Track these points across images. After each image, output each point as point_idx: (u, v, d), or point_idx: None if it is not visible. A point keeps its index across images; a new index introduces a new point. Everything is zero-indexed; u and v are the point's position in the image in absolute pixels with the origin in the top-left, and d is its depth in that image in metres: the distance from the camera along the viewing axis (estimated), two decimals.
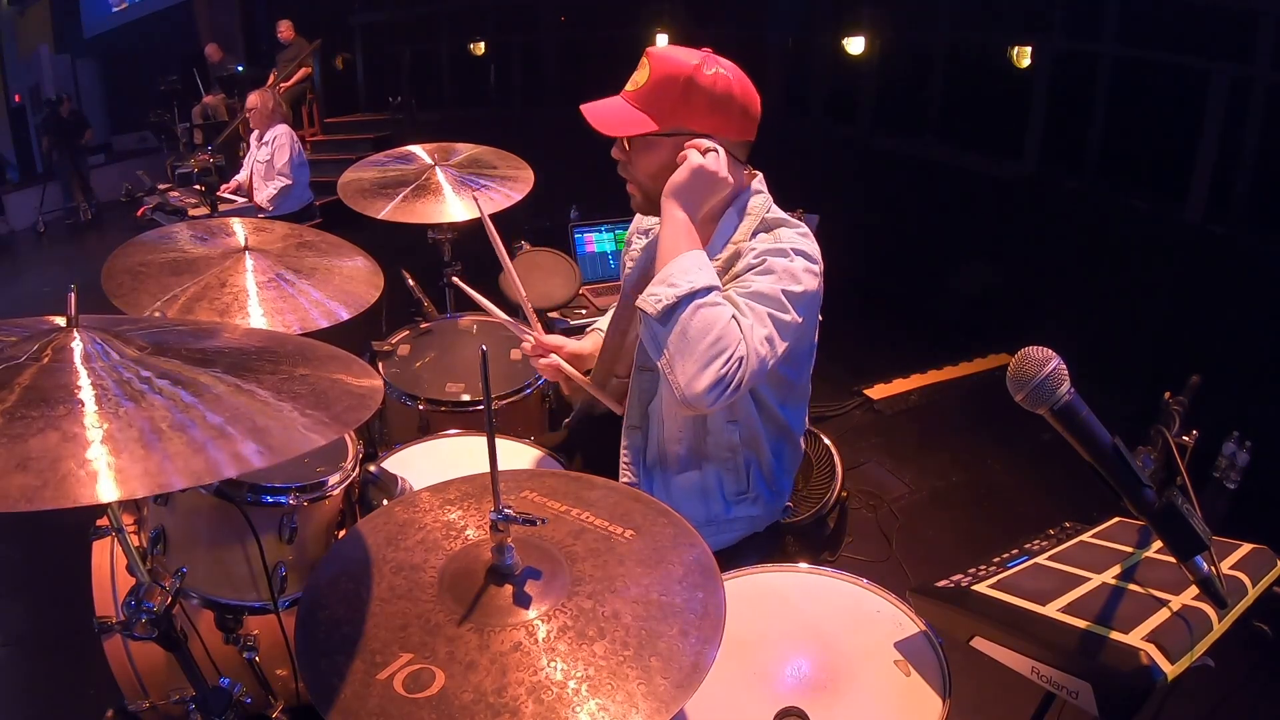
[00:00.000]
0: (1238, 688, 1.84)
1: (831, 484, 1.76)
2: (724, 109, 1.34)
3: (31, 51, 9.39)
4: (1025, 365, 0.89)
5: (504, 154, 2.53)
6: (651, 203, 1.40)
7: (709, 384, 1.20)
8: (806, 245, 1.34)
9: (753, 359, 1.23)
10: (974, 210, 5.40)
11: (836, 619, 1.22)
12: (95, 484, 0.70)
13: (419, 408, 1.99)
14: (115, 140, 9.56)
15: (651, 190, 1.39)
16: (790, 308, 1.28)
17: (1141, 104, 4.86)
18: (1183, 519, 0.88)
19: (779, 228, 1.37)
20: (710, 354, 1.20)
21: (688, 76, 1.31)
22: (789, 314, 1.28)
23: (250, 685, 1.27)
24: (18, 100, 9.17)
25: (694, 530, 1.08)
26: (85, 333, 0.89)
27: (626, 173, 1.43)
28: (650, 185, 1.39)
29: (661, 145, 1.36)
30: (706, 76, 1.32)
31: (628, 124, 1.34)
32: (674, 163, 1.34)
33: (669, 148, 1.35)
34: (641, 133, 1.34)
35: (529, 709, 0.81)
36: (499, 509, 0.95)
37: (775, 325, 1.27)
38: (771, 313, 1.27)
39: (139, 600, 1.02)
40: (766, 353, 1.26)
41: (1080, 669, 0.90)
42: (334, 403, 0.93)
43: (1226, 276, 4.14)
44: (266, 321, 1.53)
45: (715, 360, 1.20)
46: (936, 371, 3.89)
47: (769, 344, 1.26)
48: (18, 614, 2.46)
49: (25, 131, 8.80)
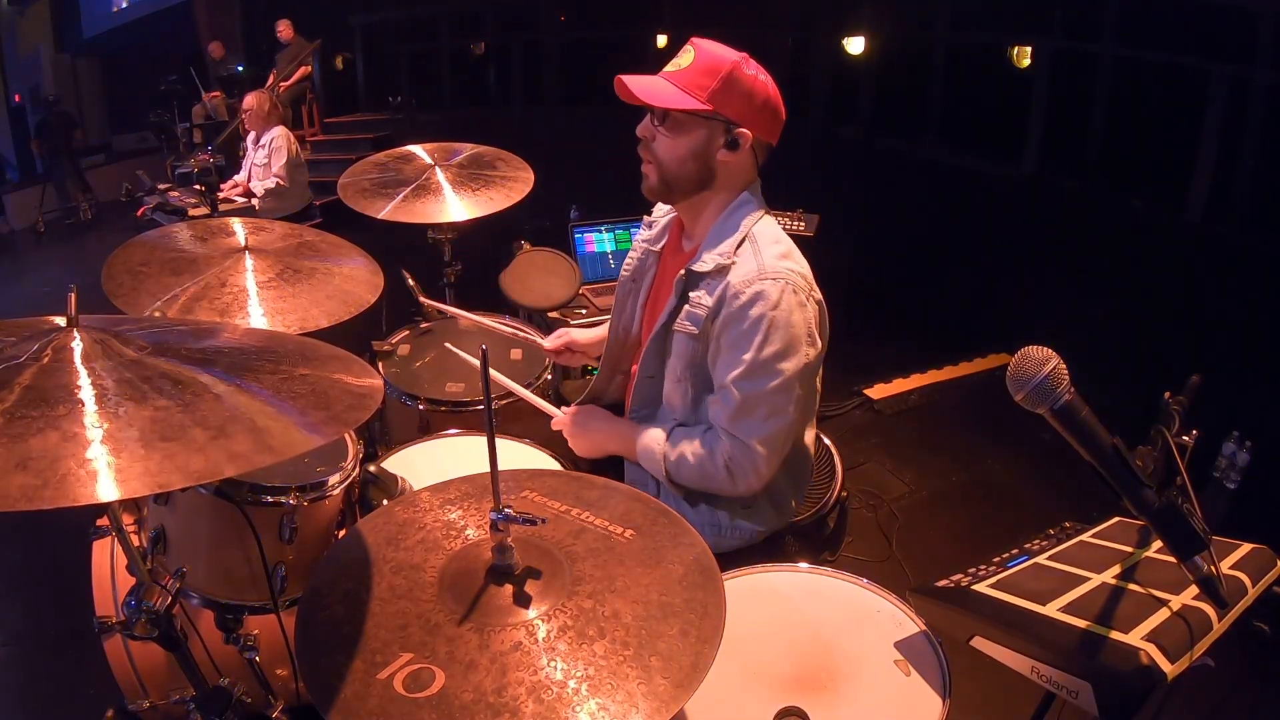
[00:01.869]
0: (1238, 688, 1.84)
1: (831, 484, 1.76)
2: (760, 106, 1.38)
3: (31, 51, 9.39)
4: (1025, 365, 0.89)
5: (504, 154, 2.53)
6: (666, 185, 1.44)
7: (728, 490, 1.44)
8: (789, 269, 1.37)
9: (754, 452, 1.38)
10: (974, 210, 5.40)
11: (836, 619, 1.22)
12: (95, 484, 0.70)
13: (419, 408, 1.99)
14: (115, 140, 9.54)
15: (671, 172, 1.42)
16: (785, 374, 1.35)
17: (1141, 104, 4.87)
18: (1183, 519, 0.88)
19: (762, 245, 1.40)
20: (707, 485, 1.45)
21: (733, 66, 1.35)
22: (782, 378, 1.35)
23: (250, 685, 1.27)
24: (18, 100, 9.17)
25: (694, 530, 1.08)
26: (85, 333, 0.89)
27: (648, 151, 1.44)
28: (673, 167, 1.42)
29: (696, 127, 1.39)
30: (748, 72, 1.36)
31: (672, 98, 1.36)
32: (702, 149, 1.39)
33: (702, 131, 1.39)
34: (685, 108, 1.36)
35: (529, 709, 0.81)
36: (499, 509, 0.95)
37: (773, 407, 1.37)
38: (766, 392, 1.35)
39: (139, 600, 1.02)
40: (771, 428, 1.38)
41: (1080, 669, 0.90)
42: (334, 403, 0.93)
43: (1226, 276, 4.14)
44: (266, 321, 1.53)
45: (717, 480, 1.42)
46: (936, 371, 3.89)
47: (771, 420, 1.37)
48: (18, 614, 2.46)
49: (25, 131, 8.79)
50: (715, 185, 1.43)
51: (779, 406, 1.37)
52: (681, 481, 1.47)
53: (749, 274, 1.36)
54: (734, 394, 1.36)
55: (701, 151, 1.39)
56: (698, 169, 1.41)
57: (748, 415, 1.37)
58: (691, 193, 1.44)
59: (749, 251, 1.39)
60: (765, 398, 1.35)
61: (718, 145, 1.39)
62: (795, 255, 1.41)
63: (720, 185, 1.44)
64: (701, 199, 1.45)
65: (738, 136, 1.38)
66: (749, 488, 1.42)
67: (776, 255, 1.38)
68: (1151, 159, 4.80)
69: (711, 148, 1.39)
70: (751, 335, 1.34)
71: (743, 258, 1.39)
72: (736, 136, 1.38)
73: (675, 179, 1.42)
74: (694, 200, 1.46)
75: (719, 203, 1.45)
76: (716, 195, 1.45)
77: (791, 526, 1.64)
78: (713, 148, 1.39)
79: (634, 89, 1.35)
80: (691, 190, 1.44)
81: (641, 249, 1.65)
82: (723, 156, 1.40)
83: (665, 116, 1.39)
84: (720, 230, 1.43)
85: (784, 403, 1.37)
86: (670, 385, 1.50)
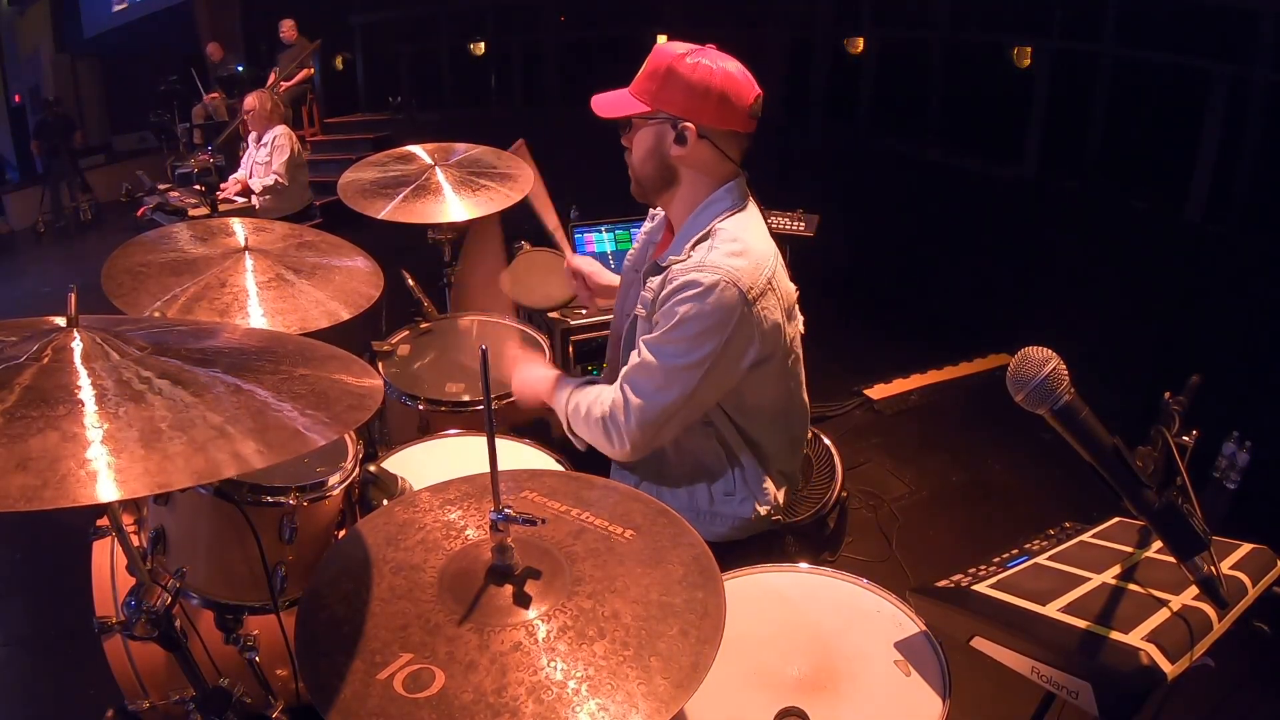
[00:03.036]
0: (1238, 688, 1.84)
1: (831, 484, 1.76)
2: (703, 94, 1.41)
3: (31, 51, 9.39)
4: (1025, 365, 0.89)
5: (504, 154, 2.53)
6: (640, 188, 1.53)
7: (605, 447, 1.48)
8: (735, 267, 1.38)
9: (632, 413, 1.42)
10: (974, 210, 5.40)
11: (836, 619, 1.22)
12: (95, 484, 0.70)
13: (419, 408, 1.99)
14: (115, 140, 9.55)
15: (640, 173, 1.50)
16: (687, 354, 1.37)
17: (1141, 104, 4.87)
18: (1182, 519, 0.88)
19: (719, 242, 1.42)
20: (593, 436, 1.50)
21: (669, 64, 1.41)
22: (684, 360, 1.38)
23: (250, 685, 1.27)
24: (18, 100, 9.18)
25: (694, 530, 1.08)
26: (85, 333, 0.89)
27: (628, 159, 1.52)
28: (638, 168, 1.50)
29: (646, 129, 1.46)
30: (686, 65, 1.40)
31: (619, 106, 1.46)
32: (655, 148, 1.45)
33: (651, 131, 1.45)
34: (627, 113, 1.45)
35: (529, 709, 0.81)
36: (499, 509, 0.95)
37: (667, 375, 1.39)
38: (665, 365, 1.39)
39: (139, 600, 1.02)
40: (656, 401, 1.40)
41: (1080, 669, 0.90)
42: (334, 403, 0.92)
43: (1226, 276, 4.14)
44: (266, 321, 1.53)
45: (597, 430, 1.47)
46: (936, 371, 3.89)
47: (659, 393, 1.40)
48: (18, 614, 2.46)
49: (25, 132, 8.80)
50: (681, 181, 1.48)
51: (669, 384, 1.39)
52: (576, 430, 1.54)
53: (691, 265, 1.40)
54: (641, 351, 1.43)
55: (655, 151, 1.46)
56: (656, 168, 1.47)
57: (640, 374, 1.42)
58: (661, 191, 1.51)
59: (704, 248, 1.42)
60: (660, 369, 1.40)
61: (668, 142, 1.44)
62: (753, 255, 1.40)
63: (687, 181, 1.48)
64: (674, 196, 1.51)
65: (683, 130, 1.42)
66: (621, 449, 1.46)
67: (727, 253, 1.39)
68: (1151, 159, 4.80)
69: (663, 146, 1.45)
70: (673, 313, 1.38)
71: (697, 253, 1.42)
72: (682, 130, 1.42)
73: (643, 181, 1.51)
74: (666, 199, 1.52)
75: (690, 200, 1.49)
76: (686, 192, 1.49)
77: (791, 526, 1.64)
78: (664, 145, 1.45)
79: (594, 104, 1.47)
80: (661, 189, 1.50)
81: (642, 240, 1.72)
82: (675, 152, 1.44)
83: (627, 125, 1.48)
84: (689, 228, 1.48)
85: (677, 382, 1.39)
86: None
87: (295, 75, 7.11)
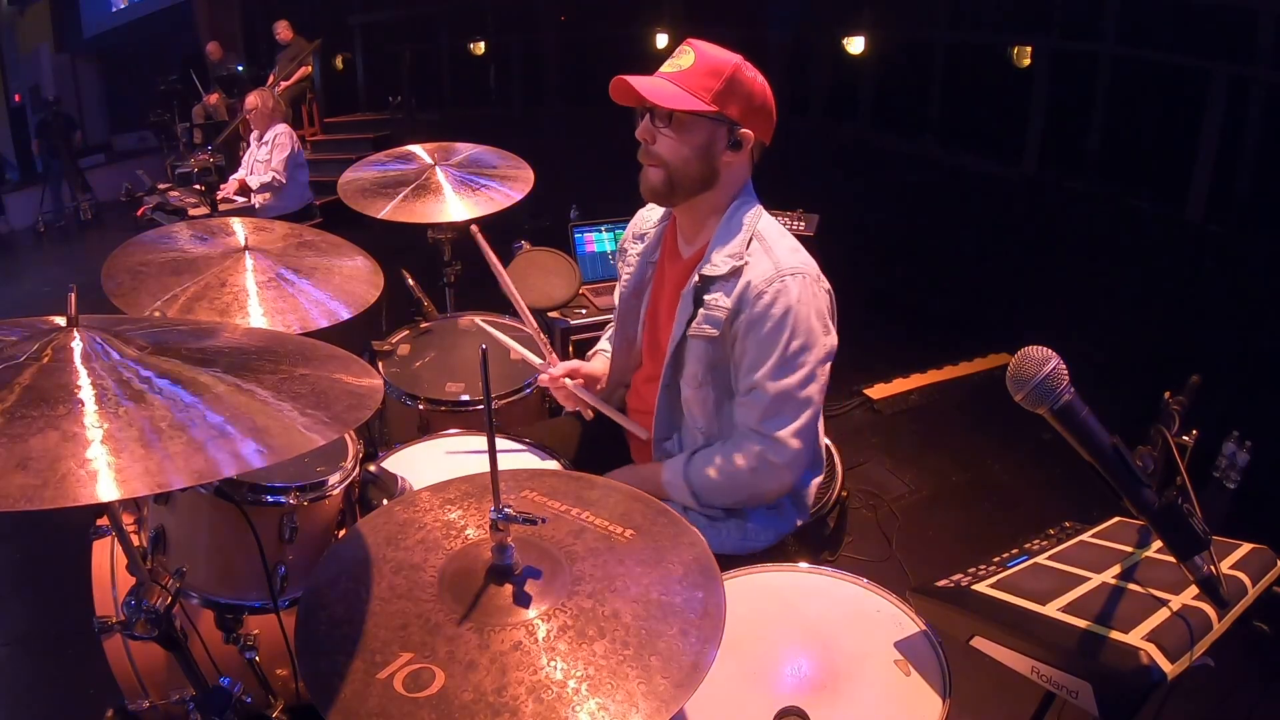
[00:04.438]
0: (1238, 688, 1.84)
1: (831, 484, 1.76)
2: (758, 107, 1.41)
3: (31, 51, 9.39)
4: (1025, 365, 0.89)
5: (504, 154, 2.53)
6: (671, 186, 1.43)
7: (764, 498, 1.49)
8: (803, 262, 1.41)
9: (784, 446, 1.41)
10: (974, 210, 5.40)
11: (836, 619, 1.22)
12: (95, 484, 0.70)
13: (419, 407, 1.99)
14: (115, 140, 9.56)
15: (677, 172, 1.42)
16: (810, 364, 1.39)
17: (1141, 104, 4.87)
18: (1183, 519, 0.88)
19: (771, 241, 1.43)
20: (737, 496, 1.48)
21: (734, 68, 1.37)
22: (807, 368, 1.39)
23: (250, 685, 1.27)
24: (18, 100, 9.18)
25: (694, 529, 1.08)
26: (85, 332, 0.89)
27: (648, 154, 1.44)
28: (679, 167, 1.41)
29: (700, 128, 1.39)
30: (747, 75, 1.39)
31: (678, 99, 1.36)
32: (706, 149, 1.40)
33: (706, 132, 1.39)
34: (691, 109, 1.36)
35: (529, 708, 0.81)
36: (499, 508, 0.95)
37: (803, 399, 1.40)
38: (797, 375, 1.38)
39: (139, 600, 1.02)
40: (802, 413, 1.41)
41: (1080, 669, 0.90)
42: (334, 402, 0.92)
43: (1226, 276, 4.14)
44: (266, 321, 1.53)
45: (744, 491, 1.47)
46: (936, 371, 3.89)
47: (801, 406, 1.41)
48: (18, 614, 2.46)
49: (25, 131, 8.80)
50: (717, 185, 1.44)
51: (808, 397, 1.40)
52: (711, 501, 1.49)
53: (767, 272, 1.38)
54: (765, 392, 1.39)
55: (705, 152, 1.40)
56: (701, 169, 1.41)
57: (779, 411, 1.40)
58: (695, 193, 1.45)
59: (760, 249, 1.41)
60: (795, 390, 1.39)
61: (721, 146, 1.40)
62: (801, 248, 1.45)
63: (722, 185, 1.45)
64: (703, 199, 1.46)
65: (740, 137, 1.40)
66: (781, 484, 1.44)
67: (788, 249, 1.41)
68: (1151, 159, 4.80)
69: (715, 148, 1.41)
70: (778, 333, 1.36)
71: (755, 256, 1.40)
72: (740, 137, 1.40)
73: (680, 180, 1.42)
74: (695, 201, 1.46)
75: (720, 202, 1.46)
76: (718, 195, 1.46)
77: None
78: (716, 148, 1.41)
79: (641, 89, 1.36)
80: (695, 190, 1.44)
81: (635, 263, 1.65)
82: (726, 157, 1.41)
83: (670, 117, 1.39)
84: (727, 229, 1.45)
85: (813, 392, 1.41)
86: (690, 393, 1.50)
87: (294, 75, 7.10)
